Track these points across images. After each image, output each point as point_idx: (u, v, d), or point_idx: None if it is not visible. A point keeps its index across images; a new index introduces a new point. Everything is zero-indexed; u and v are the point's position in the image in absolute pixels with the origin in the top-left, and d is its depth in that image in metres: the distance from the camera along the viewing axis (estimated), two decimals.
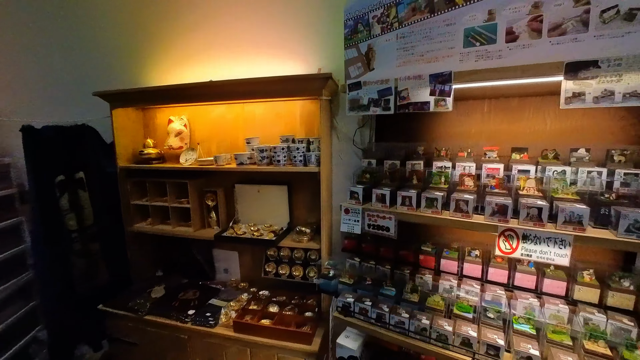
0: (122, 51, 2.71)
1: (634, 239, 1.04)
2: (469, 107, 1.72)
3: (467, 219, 1.28)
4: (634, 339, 1.26)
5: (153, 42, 2.62)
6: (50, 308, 2.23)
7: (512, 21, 1.14)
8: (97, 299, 2.34)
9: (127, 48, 2.70)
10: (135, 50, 2.68)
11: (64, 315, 2.29)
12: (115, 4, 2.66)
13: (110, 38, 2.72)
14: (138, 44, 2.66)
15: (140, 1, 2.58)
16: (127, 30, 2.67)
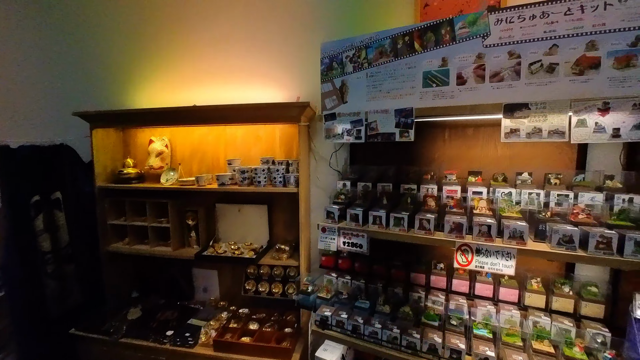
0: (105, 72, 2.76)
1: (564, 250, 1.24)
2: (433, 135, 1.93)
3: (430, 235, 1.45)
4: (572, 337, 1.45)
5: (137, 65, 2.69)
6: (19, 332, 2.15)
7: (461, 68, 1.36)
8: (69, 323, 2.27)
9: (110, 69, 2.75)
10: (118, 71, 2.74)
11: (34, 339, 2.21)
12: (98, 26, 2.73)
13: (92, 58, 2.77)
14: (121, 66, 2.73)
15: (125, 24, 2.67)
16: (110, 51, 2.74)
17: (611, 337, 1.41)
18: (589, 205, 1.38)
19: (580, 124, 1.19)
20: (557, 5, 1.22)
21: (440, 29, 1.39)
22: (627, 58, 1.14)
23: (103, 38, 2.75)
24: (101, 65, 2.77)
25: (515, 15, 1.28)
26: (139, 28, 2.67)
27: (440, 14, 1.96)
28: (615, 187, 1.45)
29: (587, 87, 1.18)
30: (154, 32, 2.63)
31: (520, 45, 1.27)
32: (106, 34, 2.74)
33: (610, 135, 1.15)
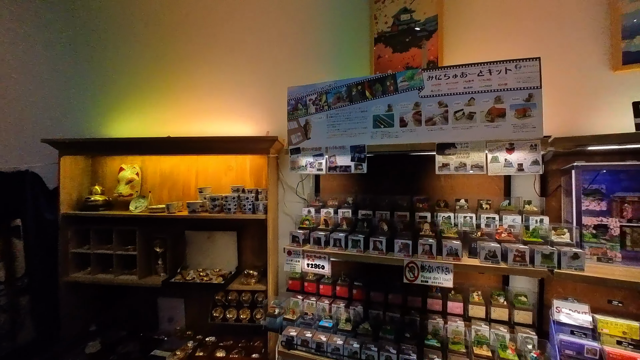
0: (77, 100, 2.82)
1: (490, 264, 1.49)
2: (387, 166, 2.19)
3: (382, 255, 1.65)
4: (506, 342, 1.67)
5: (112, 96, 2.79)
6: None
7: (403, 113, 1.65)
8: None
9: (83, 98, 2.82)
10: (91, 100, 2.81)
11: None
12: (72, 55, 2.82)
13: (64, 86, 2.82)
14: (95, 96, 2.81)
15: (102, 58, 2.79)
16: (83, 80, 2.82)
17: (537, 339, 1.65)
18: (511, 226, 1.67)
19: (494, 160, 1.49)
20: (473, 68, 1.56)
21: (385, 81, 1.69)
22: (524, 110, 1.47)
23: (77, 68, 2.84)
24: (74, 94, 2.83)
25: (442, 74, 1.60)
26: (117, 64, 2.81)
27: (390, 65, 2.31)
28: (531, 210, 1.76)
29: (498, 131, 1.50)
30: (131, 69, 2.78)
31: (447, 97, 1.58)
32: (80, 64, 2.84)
33: (516, 169, 1.46)
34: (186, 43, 2.69)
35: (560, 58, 1.89)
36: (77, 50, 2.88)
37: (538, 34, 1.95)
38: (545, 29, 1.93)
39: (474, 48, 2.09)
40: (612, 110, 1.78)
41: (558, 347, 1.50)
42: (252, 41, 2.57)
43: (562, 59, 1.89)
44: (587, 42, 1.86)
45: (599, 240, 1.59)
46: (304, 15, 2.47)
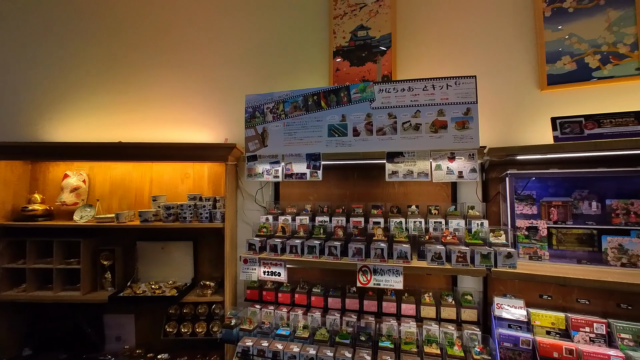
0: (14, 102, 2.60)
1: (435, 265, 1.58)
2: (345, 174, 2.27)
3: (337, 260, 1.69)
4: (453, 339, 1.77)
5: (49, 96, 2.61)
6: None
7: (356, 123, 1.73)
8: None
9: (21, 100, 2.60)
10: (26, 101, 2.61)
11: None
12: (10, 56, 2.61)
13: None
14: (35, 98, 2.61)
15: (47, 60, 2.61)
16: (23, 82, 2.61)
17: (481, 334, 1.76)
18: (456, 229, 1.79)
19: (438, 168, 1.60)
20: (418, 83, 1.69)
21: (340, 93, 1.77)
22: (463, 122, 1.62)
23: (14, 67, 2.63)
24: (10, 96, 2.61)
25: (391, 87, 1.71)
26: (62, 64, 2.64)
27: (347, 78, 2.41)
28: (474, 215, 1.91)
29: (441, 142, 1.62)
30: (78, 70, 2.63)
31: (396, 109, 1.69)
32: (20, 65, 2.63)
33: (457, 176, 1.59)
34: (138, 46, 2.61)
35: (497, 77, 2.10)
36: (14, 50, 2.67)
37: (478, 55, 2.15)
38: (484, 51, 2.14)
39: (424, 65, 2.25)
40: (539, 124, 2.00)
41: (497, 340, 1.62)
42: (210, 48, 2.56)
43: (498, 78, 2.09)
44: (520, 65, 2.08)
45: (530, 241, 1.76)
46: (265, 24, 2.52)
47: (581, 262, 1.68)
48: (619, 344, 1.52)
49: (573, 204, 1.81)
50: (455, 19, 2.21)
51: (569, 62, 1.98)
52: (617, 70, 1.88)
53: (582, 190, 1.83)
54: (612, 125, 1.50)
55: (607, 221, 1.73)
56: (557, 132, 1.57)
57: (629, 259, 1.60)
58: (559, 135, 1.56)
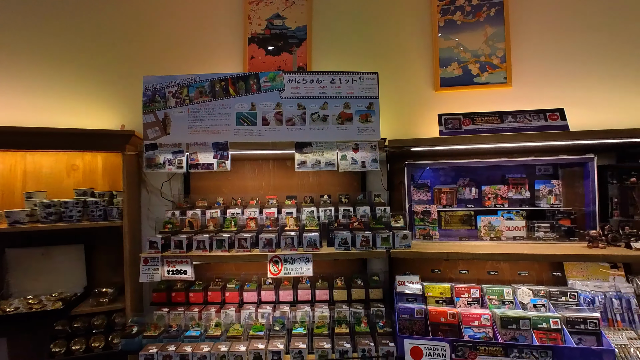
0: None
1: (342, 250, 1.67)
2: (259, 166, 2.22)
3: (248, 252, 1.65)
4: (361, 317, 1.90)
5: None
6: None
7: (265, 112, 1.71)
8: None
9: None
10: None
11: None
12: None
13: None
14: None
15: None
16: None
17: (385, 310, 1.94)
18: (362, 216, 1.92)
19: (343, 158, 1.69)
20: (326, 76, 1.74)
21: (249, 80, 1.71)
22: (366, 116, 1.73)
23: None
24: None
25: (301, 78, 1.73)
26: None
27: (263, 67, 2.35)
28: (380, 202, 2.07)
29: (346, 133, 1.71)
30: None
31: (305, 100, 1.72)
32: None
33: (360, 166, 1.70)
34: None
35: (400, 77, 2.29)
36: None
37: (384, 55, 2.31)
38: (389, 53, 2.31)
39: (338, 58, 2.33)
40: (434, 120, 2.25)
41: (397, 313, 1.80)
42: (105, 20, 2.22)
43: (401, 78, 2.29)
44: (420, 67, 2.31)
45: (424, 223, 1.99)
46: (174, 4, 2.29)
47: (462, 239, 1.98)
48: (489, 304, 1.83)
49: (458, 190, 2.11)
50: (367, 18, 2.34)
51: (457, 68, 2.27)
52: (491, 78, 2.23)
53: (465, 178, 2.15)
54: (482, 123, 1.78)
55: (482, 204, 2.06)
56: (442, 127, 1.80)
57: (496, 234, 1.94)
58: (443, 129, 1.79)
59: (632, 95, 2.01)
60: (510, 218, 1.96)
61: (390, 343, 1.70)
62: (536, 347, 1.54)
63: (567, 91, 2.10)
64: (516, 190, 2.04)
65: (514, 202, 2.03)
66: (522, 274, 1.99)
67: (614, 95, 2.05)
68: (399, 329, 1.73)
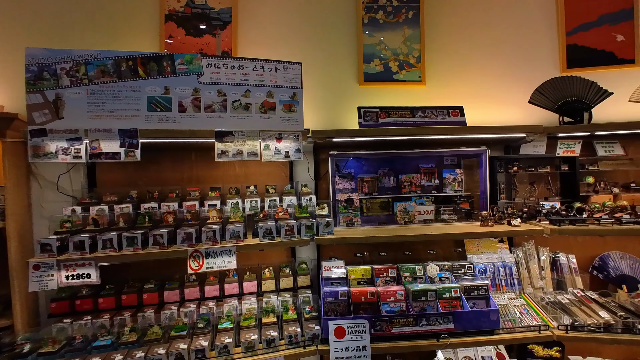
0: None
1: (267, 240, 1.67)
2: (180, 156, 2.07)
3: (164, 249, 1.54)
4: (288, 305, 1.93)
5: None
6: None
7: (181, 97, 1.59)
8: None
9: None
10: None
11: None
12: None
13: None
14: None
15: None
16: None
17: (312, 296, 2.00)
18: (289, 206, 1.93)
19: (267, 148, 1.68)
20: (249, 62, 1.69)
21: (162, 61, 1.57)
22: (290, 105, 1.73)
23: None
24: None
25: (221, 63, 1.64)
26: None
27: (183, 48, 2.18)
28: (306, 191, 2.11)
29: (269, 123, 1.69)
30: None
31: (226, 86, 1.64)
32: None
33: (284, 156, 1.71)
34: None
35: (326, 70, 2.34)
36: None
37: (311, 47, 2.33)
38: (316, 44, 2.34)
39: (266, 46, 2.27)
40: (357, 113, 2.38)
41: (323, 297, 1.88)
42: None
43: (327, 70, 2.35)
44: (345, 61, 2.38)
45: (347, 211, 2.10)
46: None
47: (381, 224, 2.14)
48: (403, 281, 2.03)
49: (378, 179, 2.26)
50: (294, 8, 2.32)
51: (378, 64, 2.41)
52: (408, 76, 2.42)
53: (385, 168, 2.32)
54: (397, 117, 1.94)
55: (399, 191, 2.25)
56: (362, 119, 1.91)
57: (409, 218, 2.15)
58: (362, 122, 1.90)
59: (518, 95, 2.38)
60: (421, 203, 2.19)
61: (316, 326, 1.78)
62: (440, 315, 1.77)
63: (468, 90, 2.40)
64: (427, 179, 2.28)
65: (425, 189, 2.26)
66: (431, 252, 2.25)
67: (503, 94, 2.41)
68: (324, 312, 1.81)
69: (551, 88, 2.11)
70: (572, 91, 2.07)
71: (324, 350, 1.67)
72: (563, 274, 2.16)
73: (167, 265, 2.01)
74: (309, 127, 1.81)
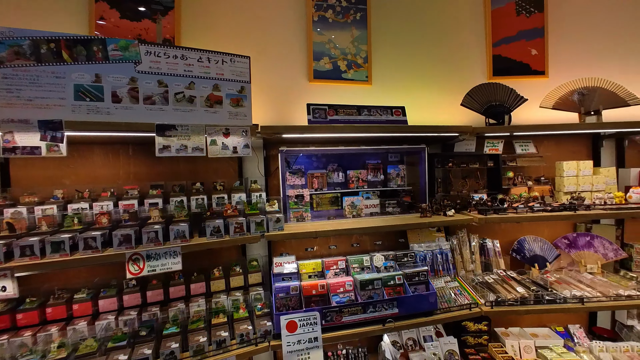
0: None
1: (215, 239, 1.62)
2: (115, 151, 1.90)
3: (98, 253, 1.41)
4: (239, 304, 1.89)
5: None
6: None
7: (116, 87, 1.45)
8: None
9: None
10: None
11: None
12: None
13: None
14: None
15: None
16: None
17: (264, 292, 1.99)
18: (238, 203, 1.89)
19: (213, 143, 1.62)
20: (193, 53, 1.61)
21: (92, 45, 1.41)
22: (237, 100, 1.69)
23: None
24: None
25: (162, 51, 1.54)
26: None
27: (117, 32, 1.99)
28: (257, 188, 2.08)
29: (216, 117, 1.64)
30: None
31: (168, 77, 1.54)
32: None
33: (232, 152, 1.66)
34: None
35: (276, 65, 2.33)
36: None
37: (261, 41, 2.29)
38: (267, 39, 2.31)
39: (212, 36, 2.18)
40: None
41: (274, 293, 1.88)
42: None
43: (277, 66, 2.33)
44: (295, 57, 2.39)
45: (298, 206, 2.12)
46: None
47: (330, 218, 2.21)
48: (352, 272, 2.12)
49: (328, 175, 2.32)
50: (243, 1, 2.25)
51: (327, 63, 2.46)
52: (356, 75, 2.51)
53: (334, 164, 2.38)
54: (344, 114, 2.01)
55: (347, 186, 2.33)
56: (310, 116, 1.94)
57: (357, 212, 2.24)
58: (311, 118, 1.93)
59: (452, 98, 2.61)
60: (368, 197, 2.30)
61: (268, 322, 1.78)
62: (385, 301, 1.88)
63: (410, 92, 2.57)
64: (374, 174, 2.40)
65: (372, 184, 2.38)
66: (377, 243, 2.38)
67: (440, 97, 2.62)
68: (275, 308, 1.82)
69: (479, 93, 2.36)
70: (495, 96, 2.34)
71: (276, 345, 1.68)
72: (489, 257, 2.45)
73: (102, 271, 1.84)
74: (258, 123, 1.78)
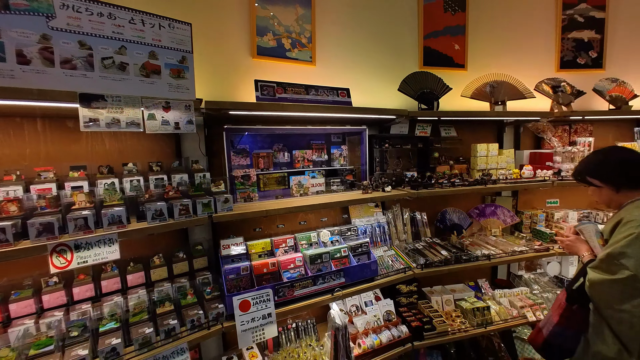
0: None
1: (157, 222, 1.50)
2: (19, 126, 1.57)
3: (9, 247, 1.18)
4: (186, 290, 1.80)
5: None
6: None
7: (22, 45, 1.19)
8: None
9: None
10: None
11: None
12: None
13: None
14: None
15: None
16: None
17: (212, 276, 1.92)
18: (179, 184, 1.76)
19: (151, 117, 1.46)
20: (123, 12, 1.39)
21: None
22: (178, 71, 1.54)
23: None
24: None
25: (83, 7, 1.30)
26: None
27: None
28: (199, 168, 1.95)
29: (153, 88, 1.47)
30: None
31: (91, 38, 1.32)
32: None
33: (174, 128, 1.53)
34: None
35: (217, 37, 2.16)
36: None
37: (201, 10, 2.09)
38: (206, 9, 2.11)
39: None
40: (250, 86, 2.31)
41: (224, 275, 1.84)
42: None
43: (218, 38, 2.17)
44: (237, 31, 2.23)
45: (245, 186, 2.07)
46: None
47: (278, 197, 2.21)
48: (301, 249, 2.18)
49: (274, 155, 2.30)
50: None
51: (272, 39, 2.37)
52: (300, 55, 2.48)
53: (279, 144, 2.37)
54: (293, 93, 2.00)
55: (293, 166, 2.36)
56: (259, 92, 1.88)
57: (304, 191, 2.29)
58: (259, 95, 1.88)
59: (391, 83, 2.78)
60: (314, 177, 2.36)
61: (220, 305, 1.74)
62: (333, 272, 2.01)
63: (353, 75, 2.66)
64: (318, 154, 2.46)
65: (317, 164, 2.44)
66: (323, 220, 2.49)
67: (380, 82, 2.78)
68: (227, 289, 1.79)
69: (413, 80, 2.57)
70: (427, 84, 2.58)
71: (230, 326, 1.66)
72: (418, 227, 2.77)
73: (13, 269, 1.54)
74: (201, 98, 1.66)
